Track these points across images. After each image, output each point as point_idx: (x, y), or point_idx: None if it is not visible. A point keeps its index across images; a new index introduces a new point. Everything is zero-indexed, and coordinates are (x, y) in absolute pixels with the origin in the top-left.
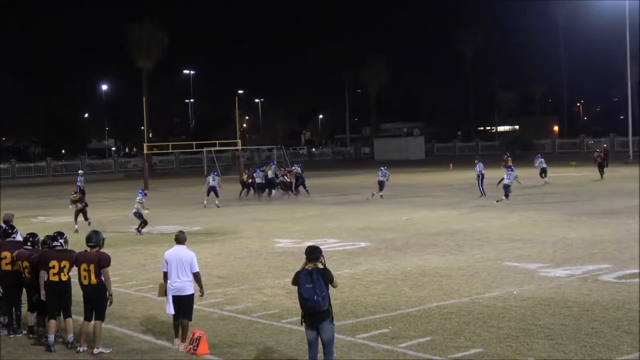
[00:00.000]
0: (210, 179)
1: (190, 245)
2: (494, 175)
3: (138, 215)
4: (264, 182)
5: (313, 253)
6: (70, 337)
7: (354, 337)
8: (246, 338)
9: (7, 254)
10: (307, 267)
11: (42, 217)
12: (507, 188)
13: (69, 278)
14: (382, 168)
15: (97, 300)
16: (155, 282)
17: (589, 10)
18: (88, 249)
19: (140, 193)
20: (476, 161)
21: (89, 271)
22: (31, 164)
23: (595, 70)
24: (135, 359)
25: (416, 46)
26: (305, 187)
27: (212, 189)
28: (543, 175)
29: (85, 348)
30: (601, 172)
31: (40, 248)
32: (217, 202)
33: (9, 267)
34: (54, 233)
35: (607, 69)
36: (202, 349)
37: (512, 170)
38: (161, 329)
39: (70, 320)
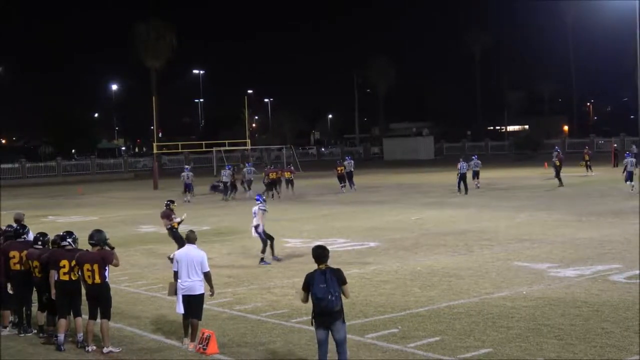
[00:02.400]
0: (184, 175)
1: (200, 244)
2: (495, 175)
3: (261, 233)
4: (229, 181)
5: (323, 255)
6: (79, 336)
7: (363, 337)
8: (255, 338)
9: (15, 253)
10: (319, 267)
11: (52, 216)
12: (630, 175)
13: (79, 277)
14: (475, 157)
15: (102, 299)
16: (165, 282)
17: (599, 10)
18: (90, 248)
19: (258, 199)
20: (461, 159)
21: (92, 271)
22: (41, 164)
23: (605, 69)
24: (145, 358)
25: (425, 46)
26: (352, 183)
27: (187, 186)
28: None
29: (94, 347)
30: (559, 177)
31: (50, 247)
32: (188, 197)
33: (17, 267)
34: (63, 232)
35: (617, 69)
36: (211, 348)
37: (629, 156)
38: (171, 328)
39: (80, 319)
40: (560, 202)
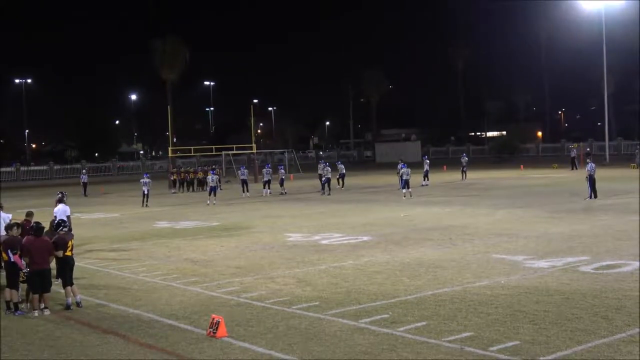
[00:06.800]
0: (209, 178)
1: (211, 238)
2: (476, 176)
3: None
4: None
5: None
6: (70, 300)
7: (357, 322)
8: (260, 322)
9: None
10: None
11: (77, 213)
12: (406, 182)
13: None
14: (339, 162)
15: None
16: (179, 272)
17: (569, 28)
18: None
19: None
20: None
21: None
22: (67, 166)
23: (576, 81)
24: (161, 341)
25: (413, 60)
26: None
27: (212, 189)
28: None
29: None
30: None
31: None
32: (214, 201)
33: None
34: (58, 220)
35: (586, 81)
36: (221, 332)
37: (404, 167)
38: (184, 313)
39: (75, 286)
40: (535, 200)
